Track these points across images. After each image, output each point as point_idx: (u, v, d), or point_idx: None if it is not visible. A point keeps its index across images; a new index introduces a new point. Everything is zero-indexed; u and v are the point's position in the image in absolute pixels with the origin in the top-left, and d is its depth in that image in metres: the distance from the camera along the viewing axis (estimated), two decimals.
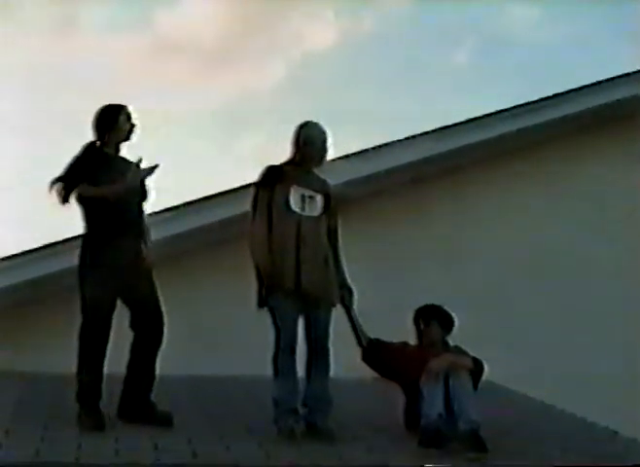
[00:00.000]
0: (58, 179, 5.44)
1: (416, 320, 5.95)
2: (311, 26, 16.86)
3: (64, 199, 5.44)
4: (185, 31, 15.96)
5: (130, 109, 5.65)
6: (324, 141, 5.63)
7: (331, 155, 5.77)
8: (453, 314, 5.95)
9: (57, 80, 14.38)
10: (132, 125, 5.64)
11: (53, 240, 7.57)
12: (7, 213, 12.65)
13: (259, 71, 16.41)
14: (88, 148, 5.55)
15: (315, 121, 5.68)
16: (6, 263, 7.44)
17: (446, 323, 5.91)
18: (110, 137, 5.57)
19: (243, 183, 7.36)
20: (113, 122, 5.56)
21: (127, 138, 5.65)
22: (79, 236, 7.34)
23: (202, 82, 16.12)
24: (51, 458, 4.54)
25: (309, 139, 5.59)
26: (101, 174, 5.42)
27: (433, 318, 5.90)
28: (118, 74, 15.03)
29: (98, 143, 5.58)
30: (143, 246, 5.60)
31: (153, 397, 5.56)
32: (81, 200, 5.49)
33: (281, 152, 5.73)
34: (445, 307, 5.95)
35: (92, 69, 13.98)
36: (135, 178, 5.46)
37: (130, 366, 5.57)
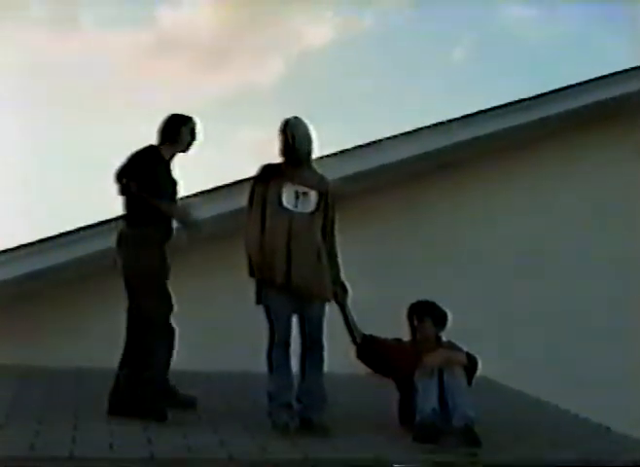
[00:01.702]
0: (119, 172, 5.62)
1: (410, 316, 5.96)
2: (310, 23, 16.90)
3: (123, 192, 5.65)
4: (185, 28, 16.00)
5: (195, 122, 5.85)
6: (310, 136, 5.66)
7: (326, 151, 5.78)
8: (447, 310, 5.96)
9: (59, 76, 14.41)
10: (193, 139, 5.83)
11: (51, 234, 7.59)
12: (7, 206, 12.72)
13: (258, 67, 16.44)
14: (148, 149, 5.73)
15: (298, 116, 5.69)
16: (4, 256, 7.43)
17: (440, 319, 5.93)
18: (169, 146, 5.78)
19: (241, 177, 7.38)
20: (174, 133, 5.78)
21: (185, 150, 5.87)
22: (77, 230, 7.48)
23: (202, 78, 16.15)
24: (45, 452, 4.55)
25: (296, 136, 5.60)
26: (155, 175, 5.62)
27: (426, 315, 5.92)
28: (119, 70, 15.08)
29: (160, 148, 5.78)
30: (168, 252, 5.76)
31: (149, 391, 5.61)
32: (129, 194, 5.62)
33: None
34: (439, 304, 5.97)
35: (94, 65, 14.03)
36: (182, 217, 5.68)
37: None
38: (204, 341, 7.32)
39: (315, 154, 5.75)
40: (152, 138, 5.81)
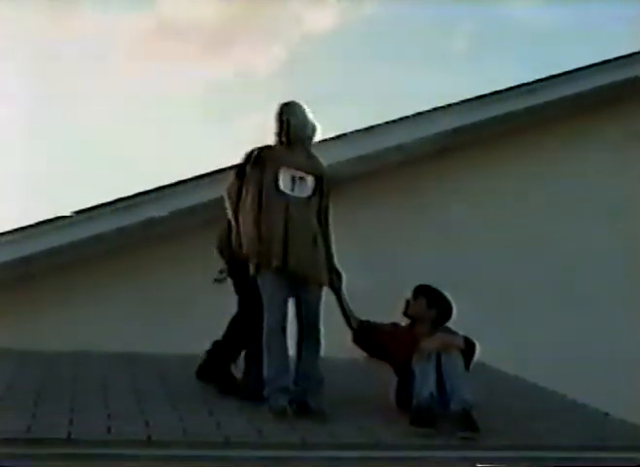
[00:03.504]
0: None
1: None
2: (311, 8, 16.86)
3: None
4: (186, 12, 15.97)
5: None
6: (307, 121, 5.68)
7: (326, 134, 5.79)
8: (446, 295, 5.94)
9: (59, 60, 14.39)
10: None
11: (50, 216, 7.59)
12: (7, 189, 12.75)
13: (258, 52, 16.42)
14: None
15: (295, 101, 5.72)
16: (3, 238, 7.42)
17: (434, 302, 5.89)
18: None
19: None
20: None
21: None
22: (75, 213, 7.48)
23: (202, 62, 16.12)
24: (42, 434, 4.54)
25: (296, 120, 5.62)
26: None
27: (421, 294, 5.92)
28: (119, 54, 15.07)
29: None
30: None
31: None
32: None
33: None
34: (440, 290, 5.94)
35: (95, 49, 14.02)
36: None
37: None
38: (200, 325, 7.31)
39: (314, 138, 5.74)
40: (153, 121, 5.85)
